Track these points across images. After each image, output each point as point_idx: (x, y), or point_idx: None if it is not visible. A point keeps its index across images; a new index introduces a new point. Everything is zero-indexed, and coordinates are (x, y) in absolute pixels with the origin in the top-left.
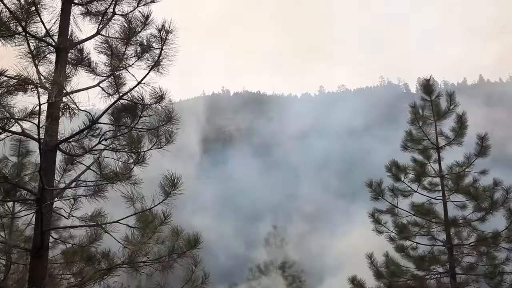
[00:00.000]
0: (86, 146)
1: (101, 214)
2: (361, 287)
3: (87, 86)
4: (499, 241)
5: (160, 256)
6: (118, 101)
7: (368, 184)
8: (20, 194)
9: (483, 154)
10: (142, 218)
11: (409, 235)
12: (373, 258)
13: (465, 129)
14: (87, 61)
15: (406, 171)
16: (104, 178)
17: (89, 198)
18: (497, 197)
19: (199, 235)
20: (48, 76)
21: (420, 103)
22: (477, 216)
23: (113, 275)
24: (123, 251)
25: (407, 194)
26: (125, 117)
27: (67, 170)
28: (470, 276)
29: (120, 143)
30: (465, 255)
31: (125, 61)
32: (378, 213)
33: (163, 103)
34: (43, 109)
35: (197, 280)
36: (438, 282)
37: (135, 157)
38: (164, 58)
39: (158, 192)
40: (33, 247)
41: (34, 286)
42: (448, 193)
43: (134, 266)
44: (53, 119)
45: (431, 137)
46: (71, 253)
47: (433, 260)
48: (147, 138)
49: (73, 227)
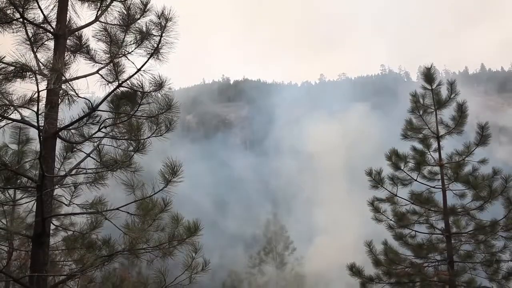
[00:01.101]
0: (85, 133)
1: (101, 202)
2: (360, 275)
3: (86, 73)
4: (497, 230)
5: (161, 243)
6: (118, 88)
7: (367, 173)
8: (20, 181)
9: (483, 143)
10: (142, 205)
11: (408, 223)
12: (372, 246)
13: (465, 118)
14: (86, 48)
15: (406, 160)
16: (104, 166)
17: (89, 185)
18: (496, 186)
19: (199, 222)
20: (47, 63)
21: (420, 91)
22: (475, 205)
23: (114, 261)
24: (123, 238)
25: (406, 182)
26: (125, 105)
27: (67, 158)
28: (468, 264)
29: (120, 131)
30: (463, 243)
31: (124, 48)
32: (378, 201)
33: (162, 90)
34: (42, 96)
35: (198, 267)
36: (436, 270)
37: (135, 145)
38: (163, 46)
39: (158, 179)
40: (34, 234)
41: (35, 272)
42: (447, 182)
43: (135, 253)
44: (52, 106)
45: (431, 126)
46: (72, 240)
47: (431, 248)
48: (147, 125)
49: (74, 214)
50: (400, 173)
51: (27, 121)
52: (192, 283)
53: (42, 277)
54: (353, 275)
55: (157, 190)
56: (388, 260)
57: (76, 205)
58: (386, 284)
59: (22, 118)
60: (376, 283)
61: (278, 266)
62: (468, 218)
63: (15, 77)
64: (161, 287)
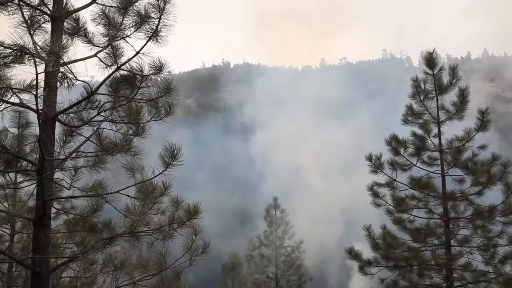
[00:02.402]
0: (84, 117)
1: (101, 185)
2: (358, 258)
3: (84, 56)
4: (495, 215)
5: (161, 225)
6: (117, 71)
7: (367, 158)
8: (20, 165)
9: (484, 128)
10: (142, 188)
11: (407, 208)
12: (370, 230)
13: (466, 103)
14: (84, 31)
15: (405, 145)
16: (103, 149)
17: (89, 169)
18: (495, 172)
19: (199, 205)
20: (44, 46)
21: (422, 76)
22: (474, 190)
23: (115, 244)
24: (124, 221)
25: (406, 168)
26: (124, 89)
27: (66, 142)
28: (465, 248)
29: (119, 115)
30: (460, 228)
31: (123, 31)
32: (377, 186)
33: (162, 74)
34: (41, 79)
35: (198, 249)
36: (433, 254)
37: (135, 129)
38: (162, 28)
39: (158, 163)
40: (35, 217)
41: (38, 254)
42: (446, 168)
43: (135, 235)
44: (51, 89)
45: (432, 111)
46: (73, 223)
47: (429, 232)
48: (146, 109)
49: (74, 197)
50: (400, 158)
51: (26, 105)
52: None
53: (44, 259)
54: (351, 258)
55: (157, 174)
56: (387, 244)
57: (77, 188)
58: (384, 267)
59: (21, 102)
60: (374, 266)
61: (278, 250)
62: (466, 203)
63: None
64: (161, 269)
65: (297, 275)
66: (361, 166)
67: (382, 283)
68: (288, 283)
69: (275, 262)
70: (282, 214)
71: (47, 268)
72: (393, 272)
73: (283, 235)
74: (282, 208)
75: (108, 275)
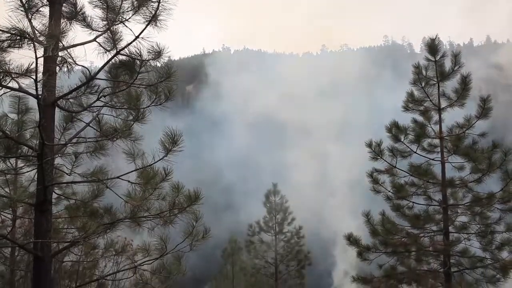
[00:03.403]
0: (84, 103)
1: (102, 171)
2: (357, 244)
3: (83, 41)
4: (493, 202)
5: (161, 211)
6: (116, 56)
7: (367, 144)
8: (21, 150)
9: (485, 116)
10: (143, 174)
11: (406, 195)
12: (369, 216)
13: (468, 90)
14: (82, 15)
15: (406, 132)
16: (103, 135)
17: (89, 155)
18: (495, 159)
19: (199, 191)
20: (43, 30)
21: (423, 63)
22: (474, 177)
23: (116, 229)
24: (125, 206)
25: (406, 154)
26: (124, 74)
27: (66, 128)
28: (463, 235)
29: (119, 100)
30: (459, 215)
31: (122, 15)
32: (377, 172)
33: (161, 59)
34: (40, 64)
35: (198, 234)
36: (431, 240)
37: (135, 114)
38: (161, 12)
39: (158, 149)
40: (36, 202)
41: (39, 238)
42: (446, 155)
43: (136, 220)
44: (50, 74)
45: (433, 98)
46: (75, 208)
47: (428, 219)
48: (146, 95)
49: (75, 183)
50: (400, 145)
51: (25, 90)
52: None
53: (46, 243)
54: (350, 244)
55: (158, 159)
56: (385, 230)
57: (77, 174)
58: (383, 253)
59: (20, 87)
60: (373, 252)
61: (278, 235)
62: (465, 190)
63: (11, 46)
64: (162, 253)
65: (296, 260)
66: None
67: (380, 269)
68: (287, 268)
69: (275, 248)
70: (282, 200)
71: (48, 253)
72: (392, 257)
73: (282, 221)
74: (281, 195)
75: (110, 259)
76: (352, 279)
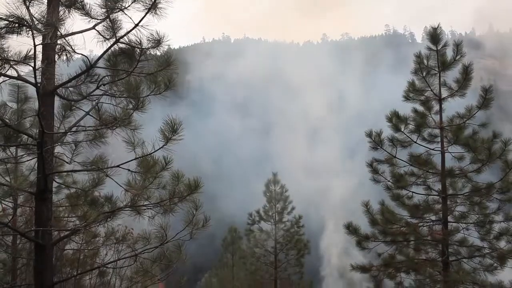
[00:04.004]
0: (84, 91)
1: (102, 159)
2: (356, 233)
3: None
4: (492, 192)
5: (162, 200)
6: (115, 44)
7: (367, 134)
8: (21, 139)
9: (486, 106)
10: (143, 163)
11: (406, 184)
12: (369, 206)
13: (469, 80)
14: (81, 3)
15: (406, 122)
16: (103, 124)
17: (89, 143)
18: (495, 149)
19: (199, 179)
20: (41, 18)
21: (425, 52)
22: (473, 167)
23: (117, 218)
24: (125, 195)
25: (406, 144)
26: (123, 62)
27: (66, 116)
28: (461, 224)
29: (119, 89)
30: (458, 205)
31: (121, 3)
32: (376, 162)
33: (161, 47)
34: (38, 51)
35: (198, 223)
36: (430, 229)
37: (134, 103)
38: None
39: (158, 137)
40: (37, 190)
41: (40, 227)
42: (446, 145)
43: (136, 209)
44: (49, 62)
45: (434, 88)
46: (75, 197)
47: (427, 208)
48: (146, 84)
49: (75, 171)
50: (400, 135)
51: (24, 78)
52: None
53: (47, 231)
54: (349, 233)
55: (157, 148)
56: (384, 219)
57: (77, 163)
58: (381, 242)
59: (18, 75)
60: (372, 241)
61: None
62: (465, 180)
63: (9, 33)
64: (162, 241)
65: (296, 249)
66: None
67: (379, 257)
68: (286, 257)
69: (274, 237)
70: (282, 189)
71: (50, 241)
72: (390, 246)
73: (282, 210)
74: (281, 184)
75: (110, 247)
76: (351, 267)
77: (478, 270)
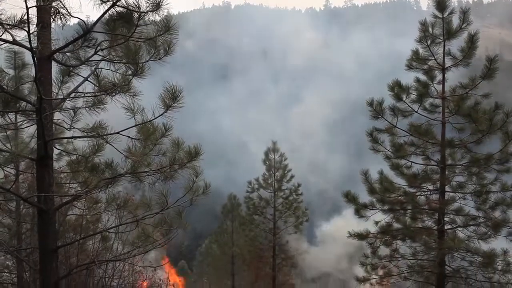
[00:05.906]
0: (81, 57)
1: (102, 126)
2: (355, 201)
3: None
4: (491, 163)
5: (162, 166)
6: (113, 8)
7: (369, 103)
8: (19, 105)
9: (490, 76)
10: (143, 129)
11: (405, 154)
12: (367, 175)
13: (474, 49)
14: None
15: (408, 91)
16: (102, 90)
17: (88, 109)
18: (497, 120)
19: (199, 147)
20: None
21: (430, 20)
22: (473, 138)
23: (117, 184)
24: (125, 161)
25: (407, 114)
26: (121, 27)
27: (64, 82)
28: (458, 194)
29: (117, 54)
30: (456, 175)
31: None
32: (376, 131)
33: (160, 11)
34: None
35: (198, 190)
36: (427, 199)
37: (133, 69)
38: None
39: (158, 104)
40: (37, 157)
41: (42, 192)
42: (448, 115)
43: (137, 175)
44: (44, 25)
45: (438, 57)
46: (76, 163)
47: (425, 178)
48: (145, 49)
49: (75, 138)
50: (402, 104)
51: (19, 42)
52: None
53: (49, 197)
54: (348, 202)
55: (157, 115)
56: (383, 188)
57: (77, 129)
58: (379, 210)
59: (13, 39)
60: (370, 209)
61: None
62: (464, 151)
63: None
64: (163, 208)
65: (294, 217)
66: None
67: (376, 225)
68: (285, 224)
69: (273, 204)
70: (281, 158)
71: (52, 206)
72: (388, 215)
73: (281, 178)
74: (281, 152)
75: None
76: (348, 234)
77: (472, 238)
